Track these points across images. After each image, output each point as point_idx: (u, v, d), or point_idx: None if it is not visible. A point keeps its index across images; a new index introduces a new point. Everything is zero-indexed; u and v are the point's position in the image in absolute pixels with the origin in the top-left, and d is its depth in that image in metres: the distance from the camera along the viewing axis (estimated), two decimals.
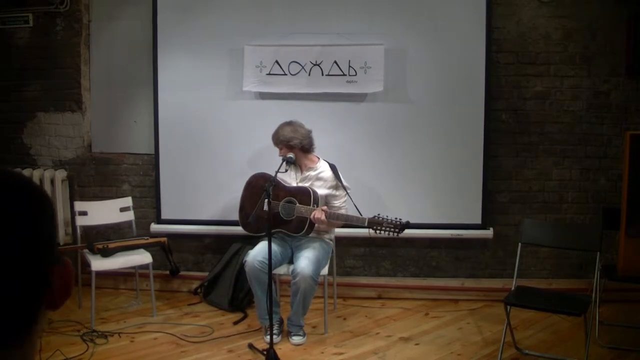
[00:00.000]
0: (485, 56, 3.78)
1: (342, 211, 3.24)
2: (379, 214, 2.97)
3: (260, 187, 3.25)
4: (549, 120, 3.91)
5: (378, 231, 2.93)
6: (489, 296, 3.90)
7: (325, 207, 3.09)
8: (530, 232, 3.28)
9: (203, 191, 4.03)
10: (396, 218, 2.94)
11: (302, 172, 3.32)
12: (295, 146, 3.23)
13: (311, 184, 3.26)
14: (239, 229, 3.50)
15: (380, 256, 4.11)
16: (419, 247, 4.06)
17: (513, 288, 3.12)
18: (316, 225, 3.17)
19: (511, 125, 3.92)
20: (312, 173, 3.29)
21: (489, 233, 3.91)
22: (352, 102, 3.86)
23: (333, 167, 3.30)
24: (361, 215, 3.11)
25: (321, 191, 3.24)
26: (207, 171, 4.02)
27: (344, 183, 3.28)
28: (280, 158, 3.26)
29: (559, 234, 3.33)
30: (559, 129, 3.91)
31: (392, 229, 2.92)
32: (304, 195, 3.16)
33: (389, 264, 4.11)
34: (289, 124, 3.28)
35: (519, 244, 3.25)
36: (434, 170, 3.91)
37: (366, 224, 2.98)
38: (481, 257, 4.05)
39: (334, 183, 3.26)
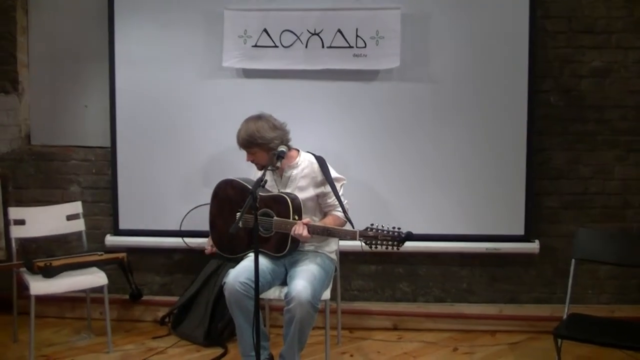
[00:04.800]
0: (529, 23, 3.80)
1: (338, 212, 3.26)
2: (372, 225, 2.98)
3: (228, 198, 3.30)
4: (610, 104, 3.91)
5: (373, 246, 2.96)
6: (534, 327, 3.92)
7: (307, 220, 3.11)
8: (586, 246, 3.30)
9: (172, 194, 4.01)
10: (394, 228, 2.94)
11: (281, 174, 3.33)
12: (277, 147, 3.22)
13: (296, 187, 3.28)
14: None
15: (397, 276, 4.10)
16: (445, 264, 4.06)
17: (565, 316, 3.13)
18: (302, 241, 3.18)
19: (562, 110, 3.93)
20: (295, 171, 3.30)
21: (534, 247, 3.92)
22: (360, 81, 3.87)
23: (320, 160, 3.32)
24: (353, 226, 3.11)
25: (308, 193, 3.26)
26: (177, 169, 4.00)
27: (335, 175, 3.29)
28: (249, 163, 3.30)
29: (623, 247, 3.31)
30: (622, 115, 3.91)
31: (390, 242, 2.93)
32: (281, 205, 3.16)
33: (407, 286, 4.11)
34: (260, 119, 3.26)
35: (573, 260, 3.25)
36: (463, 168, 3.92)
37: (357, 238, 2.99)
38: (524, 277, 4.05)
39: (321, 178, 3.27)
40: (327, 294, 3.24)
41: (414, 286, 4.11)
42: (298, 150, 3.37)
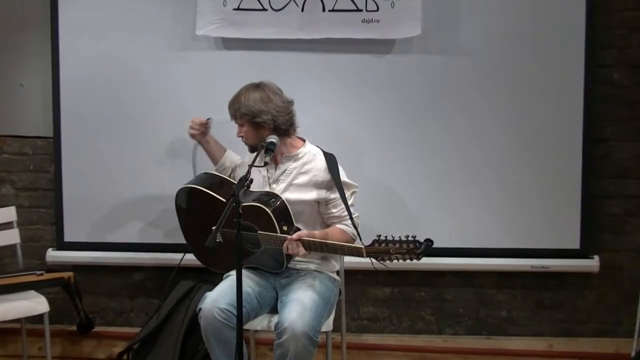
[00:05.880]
0: None
1: (345, 225, 3.23)
2: (379, 236, 2.92)
3: (197, 210, 3.33)
4: None
5: (388, 261, 2.93)
6: None
7: (298, 234, 3.08)
8: None
9: (132, 197, 4.00)
10: (408, 237, 2.87)
11: (276, 165, 3.31)
12: (265, 124, 3.20)
13: (290, 183, 3.25)
14: (188, 258, 3.45)
15: (418, 301, 4.10)
16: (479, 286, 4.06)
17: (633, 353, 3.36)
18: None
19: (628, 90, 3.90)
20: (293, 164, 3.28)
21: (592, 264, 3.88)
22: (371, 53, 3.86)
23: (329, 158, 3.30)
24: (360, 239, 3.08)
25: (306, 194, 3.22)
26: (138, 165, 3.98)
27: (345, 179, 3.27)
28: (242, 140, 3.30)
29: None
30: None
31: (407, 255, 2.88)
32: (261, 218, 3.13)
33: (431, 314, 4.09)
34: (258, 87, 3.28)
35: None
36: (502, 164, 3.91)
37: (364, 255, 2.95)
38: (580, 303, 4.04)
39: (327, 180, 3.24)
40: (328, 324, 3.22)
41: (439, 314, 4.09)
42: (304, 141, 3.35)
